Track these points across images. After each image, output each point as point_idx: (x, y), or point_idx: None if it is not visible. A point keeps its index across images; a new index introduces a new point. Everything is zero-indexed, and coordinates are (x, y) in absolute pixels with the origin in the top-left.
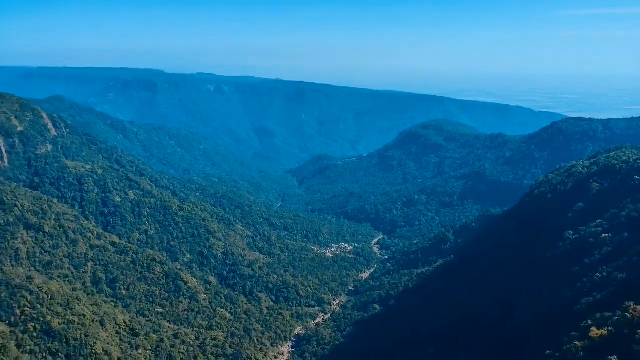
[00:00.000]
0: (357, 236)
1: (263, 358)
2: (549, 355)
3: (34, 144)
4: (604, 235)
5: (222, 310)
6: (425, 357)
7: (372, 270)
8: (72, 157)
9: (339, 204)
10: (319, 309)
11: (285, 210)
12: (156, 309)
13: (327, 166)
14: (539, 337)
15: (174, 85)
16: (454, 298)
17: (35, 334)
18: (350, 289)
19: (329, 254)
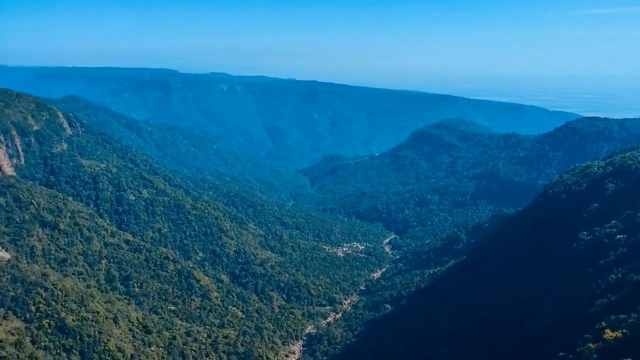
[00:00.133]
0: (368, 236)
1: (274, 356)
2: (562, 357)
3: (50, 142)
4: (618, 236)
5: (234, 308)
6: (437, 358)
7: (384, 270)
8: (87, 156)
9: (351, 203)
10: (330, 308)
11: (297, 209)
12: (169, 307)
13: (339, 166)
14: (557, 339)
15: (188, 85)
16: (466, 298)
17: (49, 331)
18: (362, 288)
19: (341, 254)
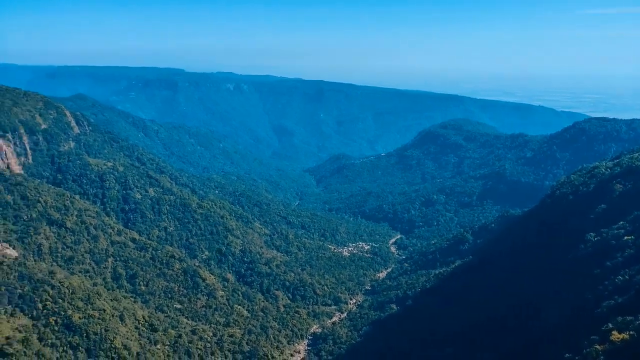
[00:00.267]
0: (374, 235)
1: (279, 355)
2: (568, 358)
3: (57, 141)
4: (626, 238)
5: (240, 307)
6: (443, 358)
7: (389, 270)
8: (94, 155)
9: (357, 203)
10: (335, 307)
11: (302, 208)
12: (174, 305)
13: (345, 165)
14: (563, 340)
15: (194, 84)
16: (472, 299)
17: (56, 328)
18: (367, 288)
19: (346, 253)
